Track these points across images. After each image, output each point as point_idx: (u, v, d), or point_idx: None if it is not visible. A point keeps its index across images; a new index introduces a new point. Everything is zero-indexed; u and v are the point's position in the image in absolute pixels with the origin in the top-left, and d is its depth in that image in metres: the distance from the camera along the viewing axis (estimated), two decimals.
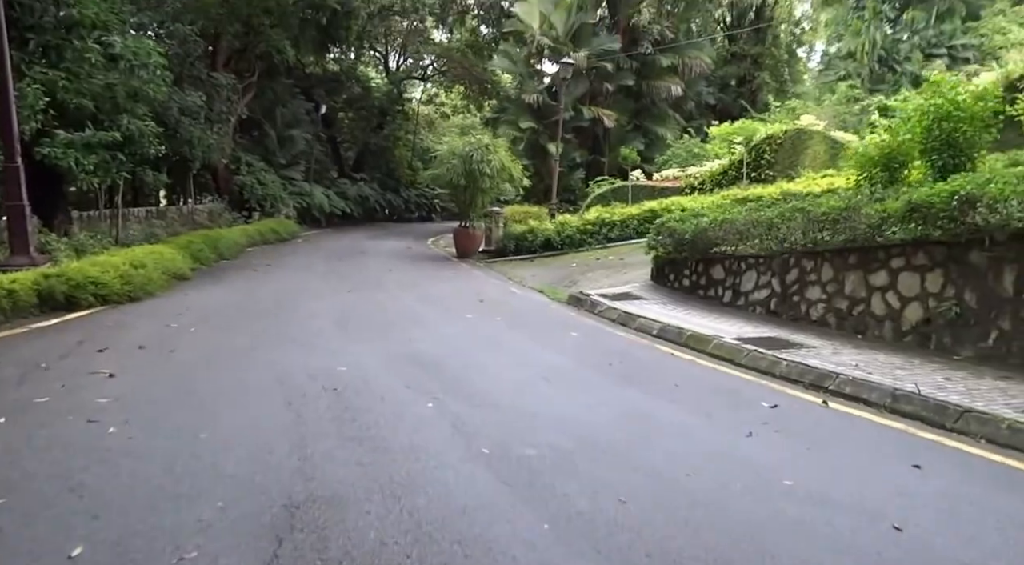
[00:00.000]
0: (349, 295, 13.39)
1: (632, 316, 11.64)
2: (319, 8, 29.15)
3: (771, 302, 11.42)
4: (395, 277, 16.76)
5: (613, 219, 21.42)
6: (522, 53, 33.10)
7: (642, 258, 17.92)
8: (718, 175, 23.89)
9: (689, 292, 13.48)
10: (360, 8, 30.35)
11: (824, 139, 22.96)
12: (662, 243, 14.05)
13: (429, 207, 45.11)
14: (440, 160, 21.73)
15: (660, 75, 32.23)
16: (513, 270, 18.94)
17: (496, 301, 13.65)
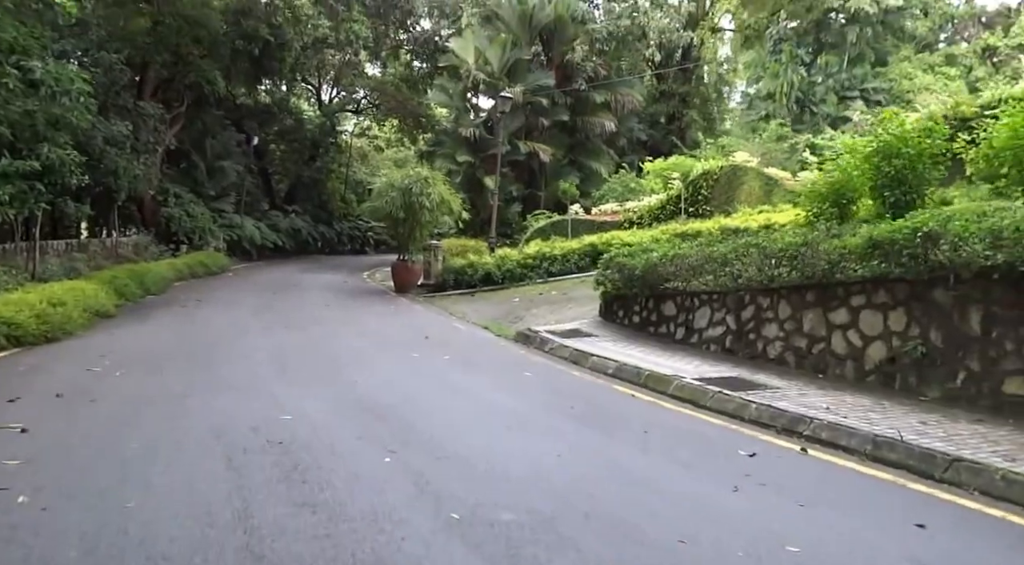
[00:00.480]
0: (287, 333, 12.55)
1: (585, 354, 11.15)
2: (251, 39, 28.29)
3: (726, 340, 11.06)
4: (334, 313, 15.95)
5: (554, 253, 21.02)
6: (458, 87, 32.76)
7: (586, 293, 17.53)
8: (656, 209, 23.80)
9: (639, 329, 13.07)
10: (294, 40, 29.57)
11: (758, 175, 23.10)
12: (611, 278, 13.65)
13: (362, 240, 44.15)
14: (378, 192, 21.07)
15: (594, 111, 32.29)
16: (454, 305, 18.32)
17: (441, 338, 13.02)
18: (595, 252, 20.94)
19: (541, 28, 32.63)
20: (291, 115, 40.64)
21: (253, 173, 38.58)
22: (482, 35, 31.72)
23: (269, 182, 42.43)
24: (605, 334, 12.93)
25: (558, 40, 32.48)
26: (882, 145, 10.57)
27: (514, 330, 14.08)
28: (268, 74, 32.91)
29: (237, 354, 10.27)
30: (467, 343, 12.88)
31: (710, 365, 10.02)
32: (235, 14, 27.58)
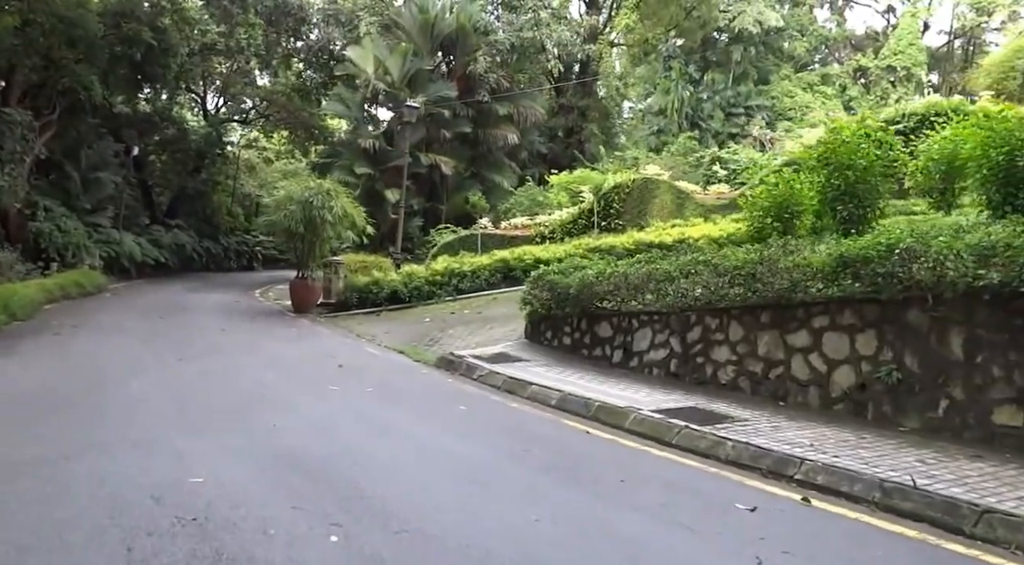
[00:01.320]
0: (183, 365, 11.00)
1: (521, 383, 10.19)
2: (132, 43, 25.98)
3: (671, 363, 10.33)
4: (232, 338, 14.38)
5: (463, 269, 20.00)
6: (356, 97, 31.28)
7: (503, 312, 16.63)
8: (568, 224, 23.15)
9: (571, 351, 12.21)
10: (179, 45, 27.40)
11: (670, 189, 22.86)
12: (539, 297, 12.77)
13: (250, 255, 41.79)
14: (276, 206, 19.50)
15: (496, 124, 31.48)
16: (361, 326, 17.04)
17: (357, 366, 11.79)
18: (507, 268, 20.16)
19: (443, 38, 31.61)
20: (174, 125, 38.01)
21: (132, 185, 35.79)
22: (381, 44, 30.39)
23: (150, 195, 39.53)
24: (535, 358, 12.02)
25: (460, 51, 31.53)
26: (833, 156, 10.05)
27: (433, 355, 13.01)
28: (150, 81, 30.44)
29: (128, 396, 8.74)
30: (386, 371, 11.71)
31: (662, 393, 9.23)
32: (115, 16, 25.25)
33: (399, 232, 22.85)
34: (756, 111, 59.58)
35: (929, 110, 21.56)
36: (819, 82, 63.14)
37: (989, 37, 64.31)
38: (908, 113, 21.75)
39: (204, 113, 42.26)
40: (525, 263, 20.15)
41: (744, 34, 56.29)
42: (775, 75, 62.78)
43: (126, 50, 26.28)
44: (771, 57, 62.62)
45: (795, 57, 64.10)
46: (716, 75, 60.75)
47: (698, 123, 58.35)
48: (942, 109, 21.42)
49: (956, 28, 63.78)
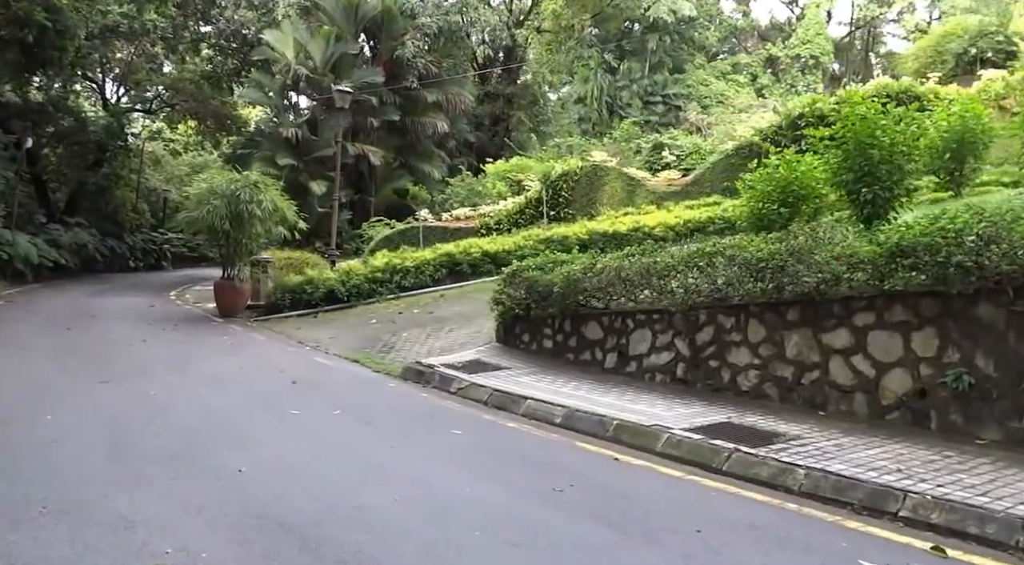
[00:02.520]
0: (106, 390, 9.16)
1: (513, 397, 8.87)
2: (23, 24, 23.19)
3: (677, 368, 9.17)
4: (157, 351, 12.50)
5: (406, 265, 18.45)
6: (276, 83, 29.10)
7: (458, 310, 15.28)
8: (515, 214, 21.84)
9: (554, 356, 10.95)
10: (77, 27, 24.66)
11: (620, 176, 21.86)
12: (513, 296, 11.43)
13: (158, 254, 38.80)
14: (198, 201, 17.49)
15: (425, 111, 29.82)
16: (300, 331, 15.36)
17: (312, 381, 10.23)
18: (452, 263, 18.80)
19: (367, 21, 29.71)
20: (71, 115, 34.74)
21: (24, 181, 32.51)
22: (302, 27, 28.32)
23: (45, 191, 36.17)
24: (516, 365, 10.69)
25: (386, 35, 29.71)
26: (850, 134, 9.00)
27: (394, 364, 11.57)
28: (44, 66, 27.42)
29: (41, 435, 6.96)
30: (348, 386, 10.19)
31: (681, 405, 8.07)
32: None
33: (333, 226, 21.06)
34: (673, 99, 59.79)
35: (880, 91, 21.13)
36: (731, 71, 63.87)
37: (886, 28, 66.28)
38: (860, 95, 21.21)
39: (104, 102, 38.89)
40: (472, 257, 18.84)
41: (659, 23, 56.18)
42: (689, 64, 63.08)
43: (16, 32, 23.46)
44: (684, 46, 62.90)
45: (706, 47, 64.65)
46: (632, 64, 60.58)
47: (617, 111, 58.08)
48: (892, 91, 21.09)
49: (856, 19, 65.35)
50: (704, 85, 61.27)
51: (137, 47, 32.29)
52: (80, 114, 35.85)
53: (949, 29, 32.51)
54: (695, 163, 24.40)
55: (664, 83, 60.63)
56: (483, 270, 18.78)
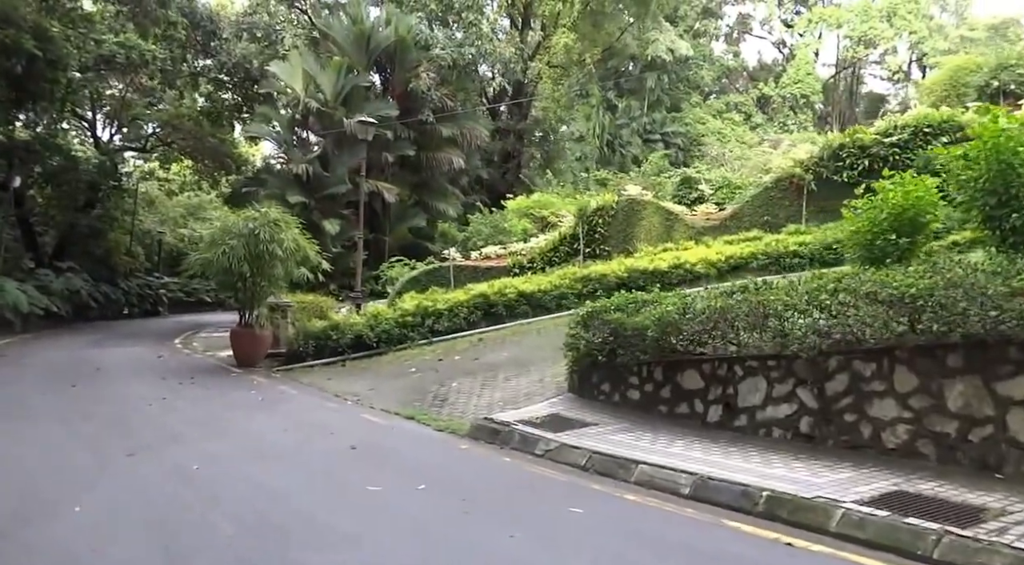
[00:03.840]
0: (137, 466, 7.72)
1: (619, 462, 7.65)
2: (11, 53, 21.91)
3: (800, 422, 7.98)
4: (183, 412, 11.04)
5: (438, 308, 17.18)
6: (284, 117, 27.87)
7: (507, 356, 13.96)
8: (548, 251, 20.61)
9: (643, 408, 9.68)
10: (69, 57, 23.39)
11: (657, 210, 20.76)
12: (591, 341, 10.08)
13: (155, 299, 37.18)
14: (211, 242, 16.21)
15: (440, 146, 28.71)
16: (332, 382, 13.98)
17: (373, 445, 8.87)
18: (487, 304, 17.56)
19: (379, 52, 28.67)
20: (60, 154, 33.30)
21: (12, 224, 30.92)
22: (311, 59, 27.21)
23: (32, 234, 34.57)
24: (603, 420, 9.42)
25: (399, 66, 28.69)
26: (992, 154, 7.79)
27: (456, 419, 10.26)
28: (34, 100, 26.05)
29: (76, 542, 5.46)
30: (416, 451, 8.83)
31: (826, 469, 6.96)
32: None
33: (358, 267, 19.69)
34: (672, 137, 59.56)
35: (921, 122, 20.45)
36: (726, 109, 63.86)
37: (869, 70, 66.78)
38: (900, 125, 20.49)
39: (95, 141, 37.48)
40: (507, 298, 17.62)
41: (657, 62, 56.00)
42: (686, 103, 63.16)
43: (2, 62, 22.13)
44: (680, 85, 62.95)
45: (700, 86, 64.66)
46: (632, 102, 60.30)
47: (617, 149, 57.56)
48: (934, 121, 20.34)
49: (841, 60, 65.89)
50: (701, 123, 61.25)
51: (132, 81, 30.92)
52: (70, 152, 34.40)
53: (961, 64, 32.20)
54: (725, 197, 23.43)
55: (662, 121, 60.51)
56: (519, 312, 17.65)
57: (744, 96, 65.65)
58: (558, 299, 17.72)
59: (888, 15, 57.56)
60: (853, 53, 62.28)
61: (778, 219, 20.90)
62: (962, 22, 59.44)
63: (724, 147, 37.78)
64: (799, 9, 66.38)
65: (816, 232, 19.24)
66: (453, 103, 28.71)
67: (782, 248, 18.72)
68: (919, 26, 57.26)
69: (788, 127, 59.47)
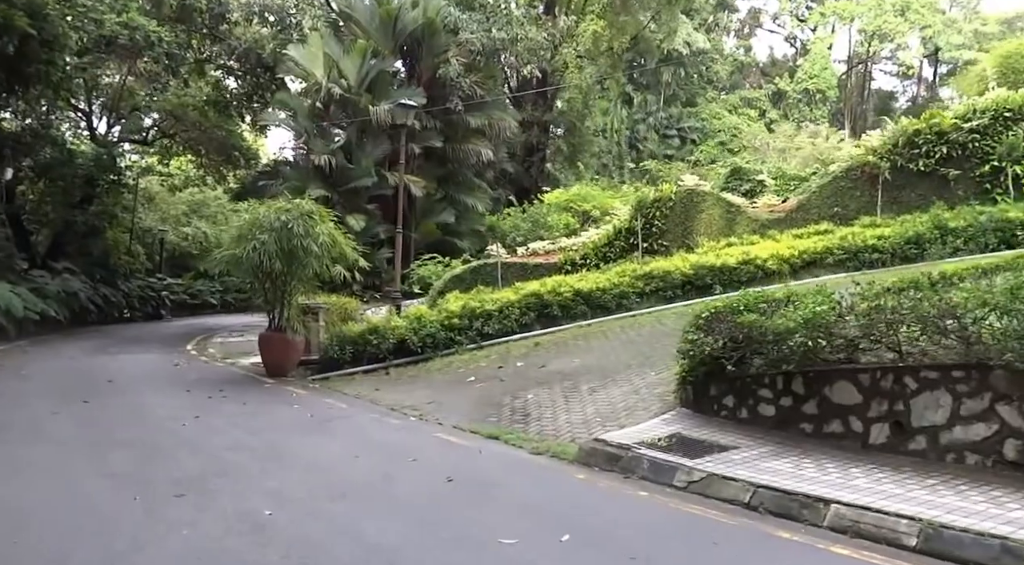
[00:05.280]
0: (191, 511, 6.32)
1: (799, 499, 6.58)
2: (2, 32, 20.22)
3: (1004, 446, 6.63)
4: (224, 434, 9.60)
5: (487, 309, 15.82)
6: (304, 104, 26.29)
7: (581, 364, 12.70)
8: (602, 247, 19.20)
9: (781, 426, 8.46)
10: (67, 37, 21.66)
11: (718, 202, 19.45)
12: (713, 346, 8.67)
13: (157, 301, 35.50)
14: (239, 237, 14.81)
15: (467, 137, 27.20)
16: (382, 394, 12.64)
17: (469, 476, 7.66)
18: (541, 304, 16.25)
19: (406, 36, 27.11)
20: (54, 145, 31.59)
21: (2, 221, 29.22)
22: (332, 42, 25.67)
23: (24, 232, 32.87)
24: (741, 442, 8.23)
25: (427, 51, 27.17)
26: None
27: (549, 439, 8.96)
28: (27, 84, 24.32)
29: None
30: (525, 484, 7.53)
31: None
32: None
33: (397, 264, 18.22)
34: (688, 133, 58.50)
35: (1001, 105, 19.20)
36: (741, 105, 62.78)
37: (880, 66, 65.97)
38: (980, 109, 19.15)
39: (91, 132, 35.78)
40: (563, 298, 16.31)
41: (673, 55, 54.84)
42: (701, 98, 62.12)
43: None
44: (696, 79, 61.88)
45: (714, 81, 63.58)
46: (648, 96, 59.08)
47: (635, 144, 56.35)
48: (1015, 104, 19.07)
49: (853, 55, 65.06)
50: (717, 118, 60.23)
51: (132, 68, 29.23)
52: (64, 144, 32.70)
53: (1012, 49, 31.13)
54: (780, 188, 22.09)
55: (679, 116, 59.48)
56: (576, 312, 16.42)
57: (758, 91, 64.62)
58: (618, 298, 16.37)
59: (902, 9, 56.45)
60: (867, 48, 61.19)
61: (848, 211, 19.77)
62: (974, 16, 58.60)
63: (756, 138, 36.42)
64: (810, 3, 65.35)
65: (894, 225, 18.16)
66: (483, 91, 27.19)
67: (859, 242, 17.62)
68: (933, 20, 56.26)
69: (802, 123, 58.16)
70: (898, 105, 64.84)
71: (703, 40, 58.92)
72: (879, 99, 66.42)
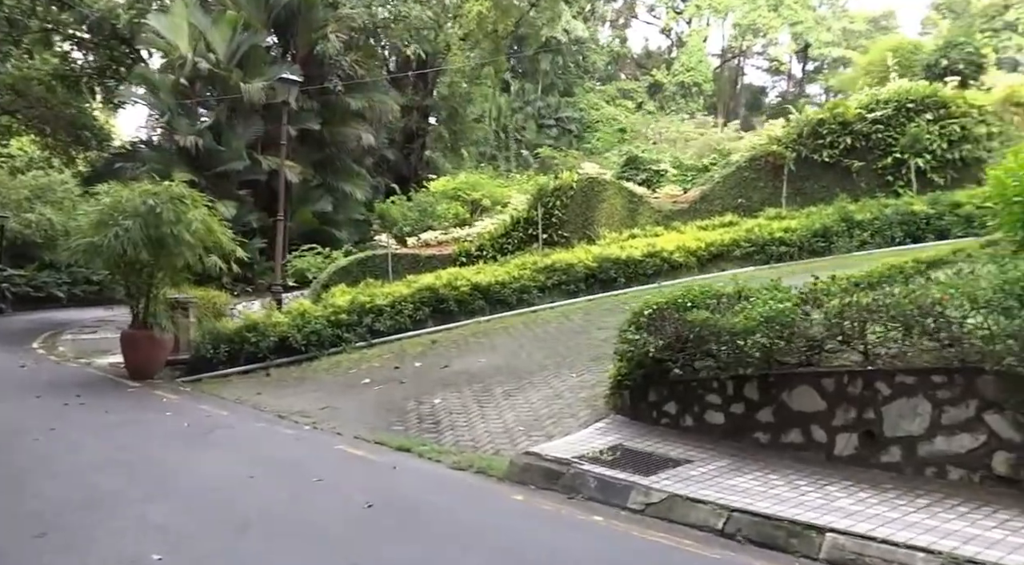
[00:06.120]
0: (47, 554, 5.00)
1: (784, 527, 5.77)
2: None
3: (993, 459, 6.08)
4: (91, 453, 8.16)
5: (378, 303, 14.70)
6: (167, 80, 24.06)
7: (490, 363, 11.92)
8: (499, 238, 18.28)
9: (733, 435, 7.80)
10: None
11: (620, 191, 18.98)
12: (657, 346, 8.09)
13: None
14: (100, 223, 12.96)
15: (346, 120, 25.68)
16: (265, 398, 11.44)
17: (389, 499, 6.68)
18: (436, 299, 15.33)
19: (280, 8, 25.28)
20: None
21: None
22: (199, 13, 23.61)
23: None
24: (691, 453, 7.54)
25: (303, 26, 25.38)
26: None
27: (467, 452, 8.02)
28: None
29: None
30: (457, 508, 6.59)
31: None
32: None
33: (277, 254, 16.79)
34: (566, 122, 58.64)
35: (903, 96, 19.69)
36: (619, 96, 63.65)
37: (752, 61, 68.76)
38: (882, 100, 19.58)
39: None
40: (459, 292, 15.43)
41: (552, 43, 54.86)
42: (579, 87, 62.44)
43: None
44: (573, 69, 62.23)
45: (591, 71, 64.22)
46: (526, 85, 58.81)
47: (513, 133, 55.93)
48: (917, 95, 19.61)
49: (726, 49, 67.39)
50: (595, 109, 60.73)
51: None
52: None
53: (896, 44, 32.68)
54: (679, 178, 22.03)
55: (557, 106, 59.44)
56: (473, 308, 15.52)
57: (635, 83, 65.66)
58: (519, 293, 15.57)
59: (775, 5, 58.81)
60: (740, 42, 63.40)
61: (753, 202, 19.70)
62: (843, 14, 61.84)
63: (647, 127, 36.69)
64: None
65: (800, 217, 18.16)
66: (364, 71, 25.78)
67: (766, 235, 17.47)
68: (805, 16, 58.89)
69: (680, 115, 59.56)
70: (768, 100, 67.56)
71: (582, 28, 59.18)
72: (750, 94, 68.90)
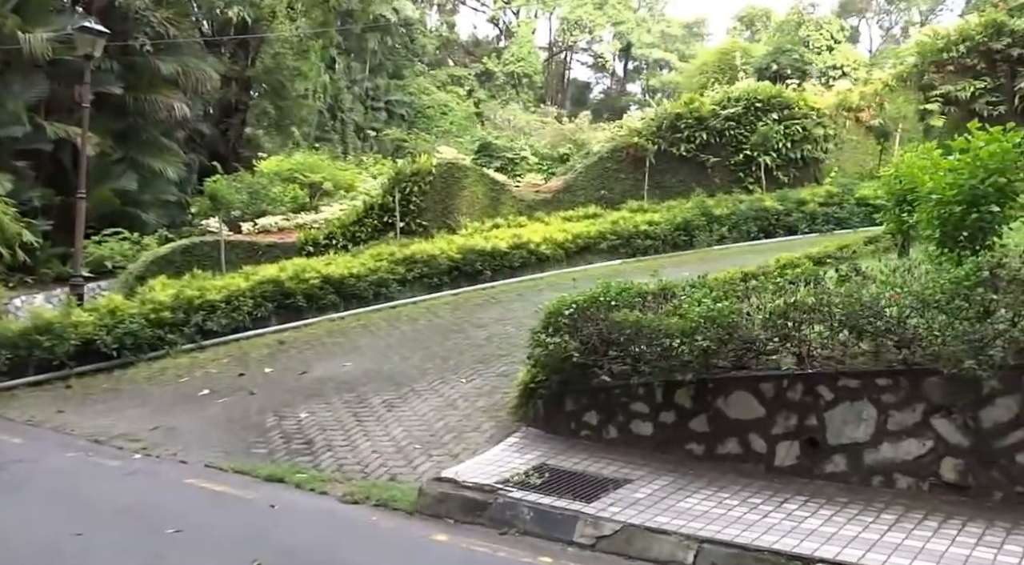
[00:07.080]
0: None
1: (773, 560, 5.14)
2: None
3: (941, 466, 5.96)
4: None
5: (209, 298, 13.07)
6: None
7: (357, 368, 10.91)
8: (351, 225, 16.78)
9: (663, 447, 7.45)
10: None
11: (481, 178, 18.27)
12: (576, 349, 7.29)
13: None
14: None
15: (156, 86, 22.95)
16: (73, 416, 9.97)
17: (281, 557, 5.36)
18: (281, 293, 14.11)
19: None
20: None
21: None
22: None
23: None
24: (625, 471, 7.10)
25: None
26: None
27: (356, 479, 6.99)
28: None
29: None
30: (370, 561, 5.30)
31: None
32: None
33: (78, 237, 14.47)
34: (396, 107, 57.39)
35: (752, 96, 20.66)
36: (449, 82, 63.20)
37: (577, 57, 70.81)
38: (733, 97, 20.29)
39: None
40: (308, 285, 14.27)
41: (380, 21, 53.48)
42: (409, 71, 61.33)
43: None
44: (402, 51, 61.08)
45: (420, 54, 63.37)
46: (352, 63, 56.96)
47: (339, 115, 53.98)
48: (764, 95, 20.60)
49: (554, 43, 68.96)
50: (426, 94, 59.96)
51: None
52: None
53: (727, 48, 34.35)
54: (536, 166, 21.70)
55: (386, 88, 58.06)
56: (325, 303, 14.43)
57: (465, 70, 65.41)
58: (376, 286, 14.52)
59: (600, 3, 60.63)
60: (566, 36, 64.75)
61: (615, 194, 20.06)
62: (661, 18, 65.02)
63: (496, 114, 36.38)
64: None
65: (661, 211, 18.69)
66: (176, 31, 23.16)
67: (631, 228, 17.89)
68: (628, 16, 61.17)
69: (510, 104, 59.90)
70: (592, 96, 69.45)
71: (411, 8, 58.08)
72: (576, 89, 70.60)
